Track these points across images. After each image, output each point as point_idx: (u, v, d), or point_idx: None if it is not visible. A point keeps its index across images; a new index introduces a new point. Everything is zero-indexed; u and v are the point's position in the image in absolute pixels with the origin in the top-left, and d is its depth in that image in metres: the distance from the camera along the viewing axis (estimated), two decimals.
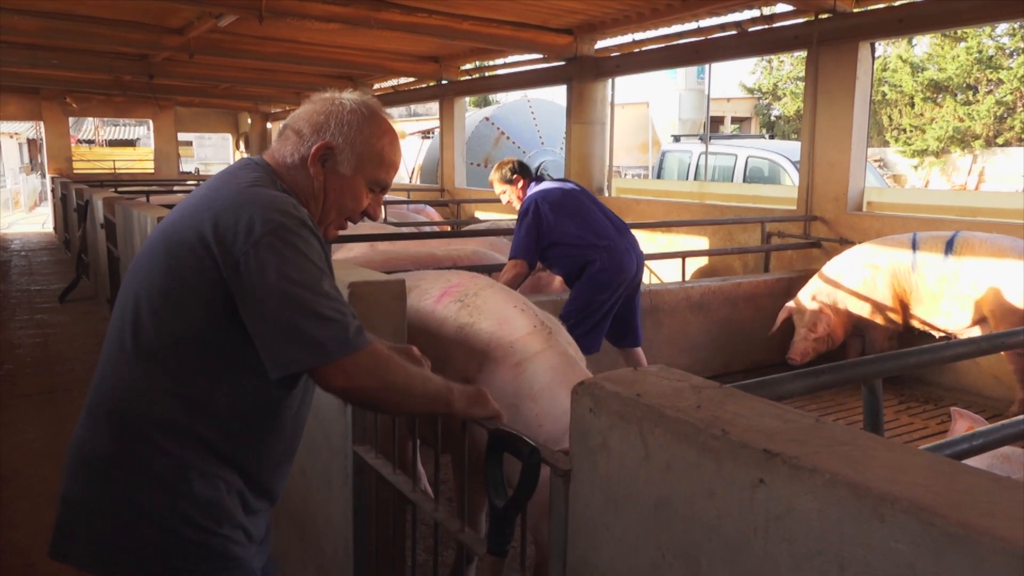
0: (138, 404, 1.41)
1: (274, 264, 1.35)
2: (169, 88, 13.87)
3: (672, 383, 1.24)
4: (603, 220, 4.27)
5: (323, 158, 1.54)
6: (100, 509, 1.41)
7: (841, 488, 0.88)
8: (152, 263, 1.46)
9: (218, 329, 1.41)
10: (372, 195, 1.63)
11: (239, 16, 6.85)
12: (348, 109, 1.56)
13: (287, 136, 1.59)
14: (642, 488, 1.15)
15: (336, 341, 1.36)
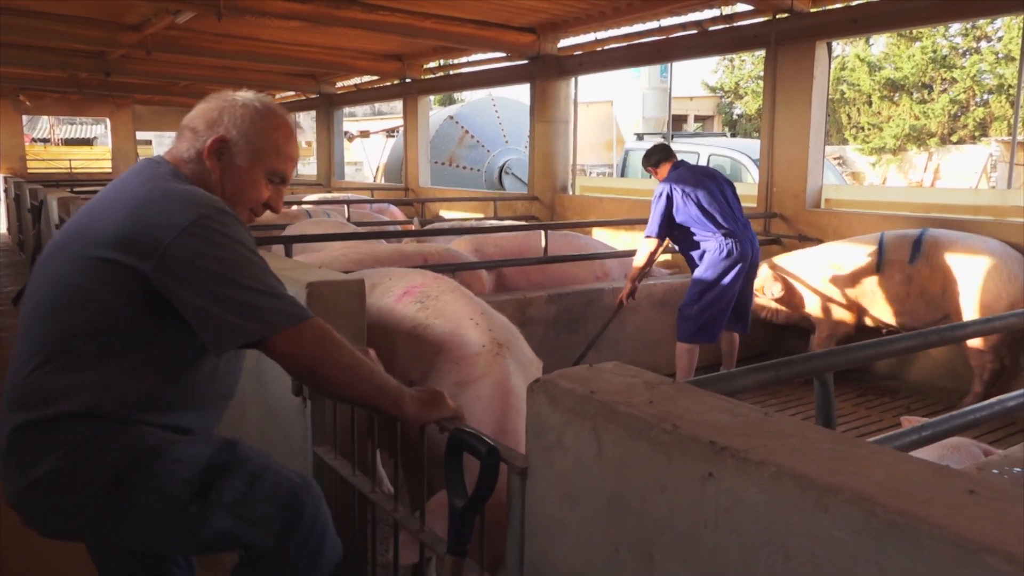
0: (48, 395, 1.43)
1: (203, 250, 1.39)
2: (127, 86, 13.61)
3: (626, 379, 1.25)
4: (727, 208, 4.62)
5: (218, 151, 1.59)
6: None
7: (786, 480, 0.90)
8: (59, 265, 1.48)
9: (132, 323, 1.44)
10: (272, 187, 1.67)
11: (197, 13, 6.74)
12: (241, 104, 1.62)
13: (184, 135, 1.63)
14: (596, 484, 1.16)
15: (279, 312, 1.40)
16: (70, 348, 1.43)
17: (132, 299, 1.43)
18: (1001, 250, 4.55)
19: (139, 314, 1.44)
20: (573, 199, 8.54)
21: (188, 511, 1.42)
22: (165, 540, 1.50)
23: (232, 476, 1.45)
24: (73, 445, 1.41)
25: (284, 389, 2.08)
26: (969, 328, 1.98)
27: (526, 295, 4.77)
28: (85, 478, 1.40)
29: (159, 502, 1.43)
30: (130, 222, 1.42)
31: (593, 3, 7.05)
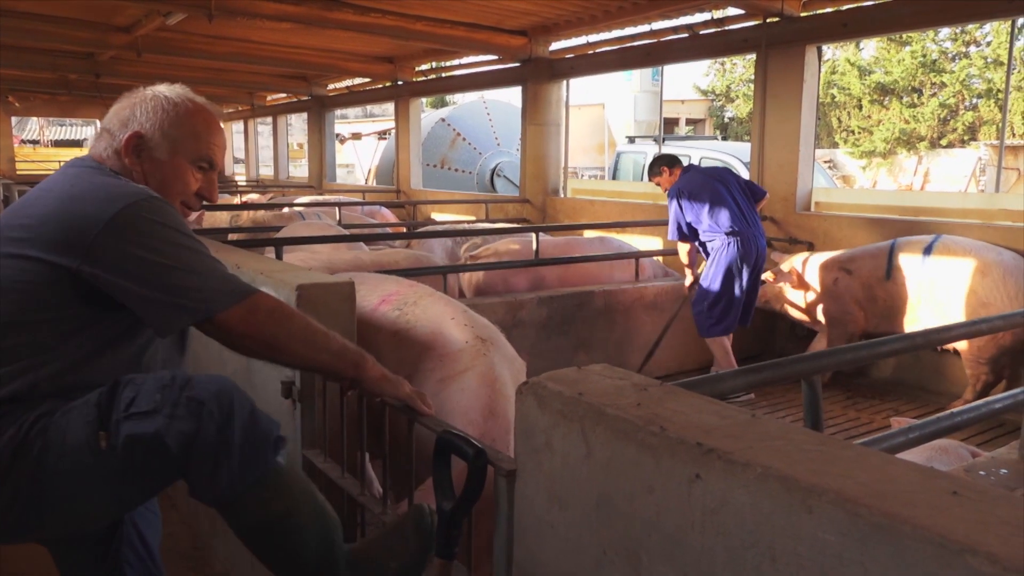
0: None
1: (133, 239, 1.37)
2: (117, 87, 13.48)
3: (614, 382, 1.26)
4: (734, 209, 4.80)
5: (136, 148, 1.56)
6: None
7: (772, 481, 0.91)
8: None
9: (61, 313, 1.41)
10: (202, 174, 1.64)
11: (188, 14, 6.72)
12: (151, 97, 1.59)
13: (101, 136, 1.61)
14: (584, 486, 1.16)
15: (222, 291, 1.39)
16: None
17: (61, 292, 1.40)
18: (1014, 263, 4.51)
19: (69, 304, 1.41)
20: (565, 202, 8.55)
21: (98, 447, 1.33)
22: (95, 499, 1.39)
23: (122, 390, 1.36)
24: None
25: (274, 392, 2.08)
26: (954, 331, 1.99)
27: (517, 297, 4.78)
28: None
29: (69, 457, 1.34)
30: (53, 219, 1.40)
31: (584, 6, 7.07)
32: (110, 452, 1.32)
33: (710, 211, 4.78)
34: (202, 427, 1.31)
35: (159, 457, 1.32)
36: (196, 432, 1.31)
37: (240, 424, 1.35)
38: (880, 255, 4.97)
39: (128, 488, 1.40)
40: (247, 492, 1.37)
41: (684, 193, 4.87)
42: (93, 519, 1.49)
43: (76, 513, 1.41)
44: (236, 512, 1.41)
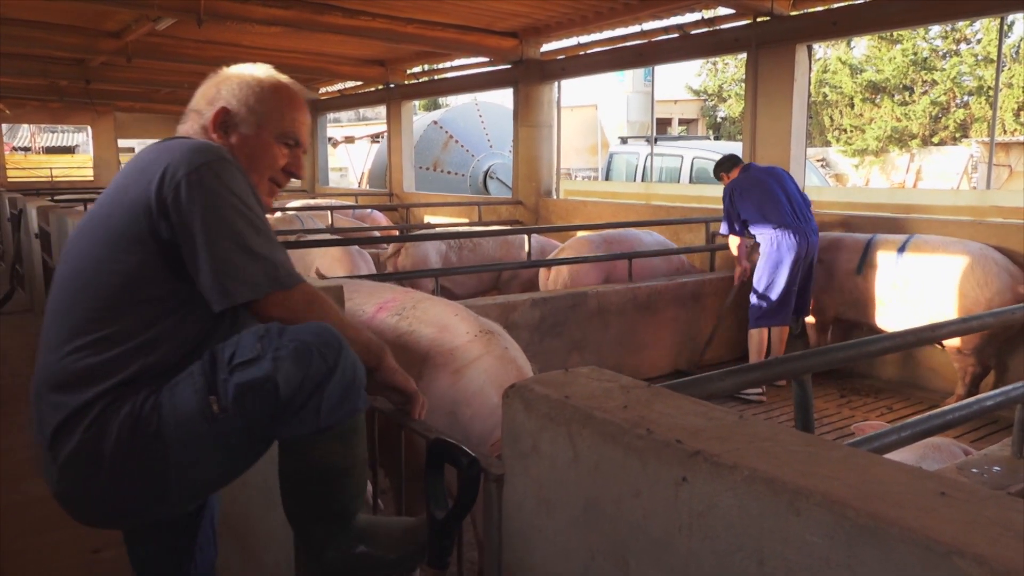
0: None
1: (201, 200, 1.38)
2: (108, 93, 13.51)
3: (601, 384, 1.25)
4: (784, 205, 4.95)
5: (223, 124, 1.57)
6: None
7: (759, 484, 0.90)
8: (83, 247, 1.48)
9: (160, 289, 1.43)
10: (288, 151, 1.63)
11: (178, 19, 6.71)
12: (235, 74, 1.61)
13: (190, 117, 1.62)
14: (572, 489, 1.15)
15: (268, 277, 1.39)
16: (101, 327, 1.42)
17: (156, 265, 1.42)
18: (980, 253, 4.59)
19: (165, 279, 1.43)
20: (557, 203, 8.55)
21: (211, 412, 1.36)
22: (212, 467, 1.43)
23: (220, 352, 1.40)
24: (91, 420, 1.39)
25: None
26: (946, 328, 1.99)
27: (510, 299, 4.77)
28: (101, 450, 1.37)
29: (185, 428, 1.37)
30: (142, 186, 1.42)
31: (575, 7, 7.07)
32: (222, 415, 1.36)
33: (760, 206, 4.95)
34: (307, 367, 1.35)
35: (268, 402, 1.35)
36: (304, 373, 1.35)
37: (340, 366, 1.39)
38: (856, 248, 5.06)
39: (241, 448, 1.43)
40: (323, 434, 1.41)
41: (736, 190, 5.07)
42: (210, 488, 1.54)
43: (197, 484, 1.45)
44: (302, 451, 1.43)
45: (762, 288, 4.97)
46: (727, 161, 5.35)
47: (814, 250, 5.03)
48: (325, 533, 1.50)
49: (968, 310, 4.46)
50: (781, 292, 4.92)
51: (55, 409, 1.42)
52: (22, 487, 3.43)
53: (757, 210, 4.97)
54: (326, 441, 1.42)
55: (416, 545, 1.51)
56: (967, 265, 4.53)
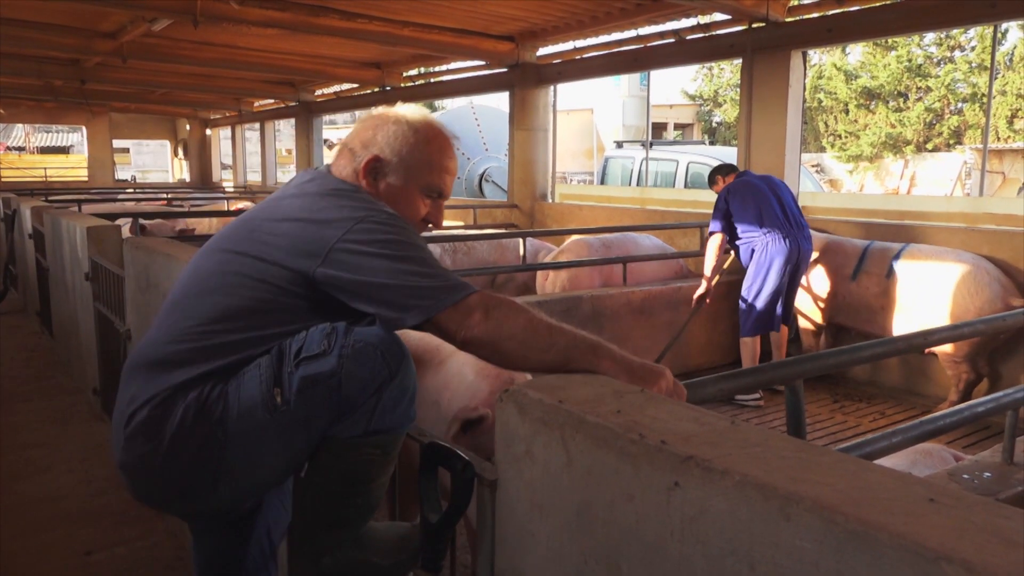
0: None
1: (368, 240, 1.42)
2: (103, 93, 13.49)
3: (594, 389, 1.25)
4: (776, 209, 4.94)
5: (373, 171, 1.61)
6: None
7: (750, 489, 0.90)
8: (222, 260, 1.53)
9: (287, 317, 1.47)
10: (431, 202, 1.67)
11: (173, 20, 6.71)
12: (394, 121, 1.63)
13: (343, 154, 1.66)
14: (565, 494, 1.15)
15: (440, 292, 1.40)
16: (224, 326, 1.47)
17: (295, 297, 1.47)
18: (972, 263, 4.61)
19: (301, 312, 1.48)
20: (553, 207, 8.56)
21: (274, 404, 1.41)
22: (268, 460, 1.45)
23: (287, 346, 1.45)
24: (164, 399, 1.43)
25: None
26: (937, 335, 2.00)
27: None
28: (172, 421, 1.41)
29: (246, 419, 1.41)
30: (299, 226, 1.48)
31: (571, 12, 7.08)
32: (284, 407, 1.40)
33: (753, 209, 4.94)
34: (370, 370, 1.40)
35: (330, 397, 1.40)
36: (367, 374, 1.40)
37: (399, 376, 1.44)
38: (852, 255, 5.09)
39: (298, 442, 1.45)
40: (368, 438, 1.44)
41: (730, 192, 5.07)
42: (263, 484, 1.54)
43: (250, 477, 1.47)
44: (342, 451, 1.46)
45: (752, 295, 4.96)
46: (721, 169, 5.36)
47: (806, 257, 5.02)
48: (330, 540, 1.51)
49: (959, 319, 4.49)
50: (771, 298, 4.92)
51: (143, 385, 1.46)
52: (16, 488, 3.43)
53: (749, 212, 4.96)
54: (369, 446, 1.45)
55: (409, 552, 1.52)
56: (959, 275, 4.57)
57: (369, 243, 1.43)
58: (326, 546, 1.51)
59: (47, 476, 3.55)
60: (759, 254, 4.92)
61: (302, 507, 1.53)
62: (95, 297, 4.10)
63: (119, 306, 3.61)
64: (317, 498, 1.50)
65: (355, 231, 1.44)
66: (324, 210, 1.49)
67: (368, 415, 1.42)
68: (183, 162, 19.23)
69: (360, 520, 1.53)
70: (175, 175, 20.12)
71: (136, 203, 10.68)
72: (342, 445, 1.45)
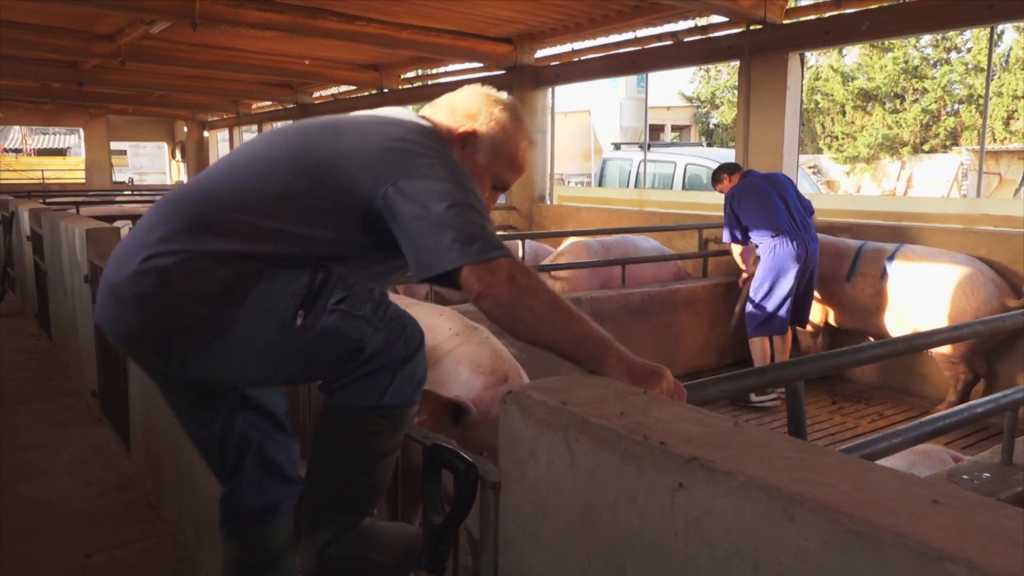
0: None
1: (437, 189, 1.44)
2: (100, 96, 13.48)
3: (598, 390, 1.26)
4: (782, 211, 4.93)
5: (465, 142, 1.65)
6: None
7: (754, 490, 0.91)
8: (294, 154, 1.53)
9: (343, 233, 1.50)
10: (492, 192, 1.72)
11: (172, 23, 6.71)
12: (501, 107, 1.69)
13: (441, 107, 1.70)
14: (568, 495, 1.16)
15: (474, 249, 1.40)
16: (271, 213, 1.48)
17: (352, 210, 1.49)
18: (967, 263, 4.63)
19: (354, 227, 1.50)
20: (551, 209, 8.57)
21: (291, 322, 1.44)
22: (255, 364, 1.48)
23: (333, 283, 1.48)
24: (197, 258, 1.43)
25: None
26: (936, 336, 2.01)
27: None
28: (192, 282, 1.42)
29: (259, 319, 1.43)
30: (383, 148, 1.50)
31: (569, 14, 7.10)
32: (299, 331, 1.44)
33: (759, 213, 4.93)
34: (395, 347, 1.48)
35: (346, 355, 1.46)
36: (388, 348, 1.47)
37: (416, 358, 1.51)
38: (847, 256, 5.11)
39: (288, 367, 1.50)
40: (374, 413, 1.49)
41: (735, 197, 5.03)
42: (240, 377, 1.55)
43: (233, 363, 1.48)
44: (352, 421, 1.50)
45: (760, 296, 4.97)
46: (726, 167, 5.33)
47: (815, 258, 5.00)
48: (337, 526, 1.52)
49: (955, 319, 4.51)
50: (779, 301, 4.91)
51: (181, 234, 1.46)
52: (16, 490, 3.43)
53: (755, 216, 4.96)
54: (378, 416, 1.49)
55: (413, 553, 1.53)
56: (954, 275, 4.58)
57: (438, 185, 1.45)
58: (333, 533, 1.52)
59: (47, 478, 3.55)
60: (768, 256, 4.92)
61: (310, 484, 1.54)
62: (94, 299, 4.10)
63: None
64: (326, 476, 1.52)
65: (431, 169, 1.47)
66: (410, 143, 1.52)
67: (381, 391, 1.48)
68: (180, 164, 19.22)
69: (366, 503, 1.55)
70: (173, 177, 20.10)
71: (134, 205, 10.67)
72: (352, 415, 1.49)
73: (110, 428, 4.07)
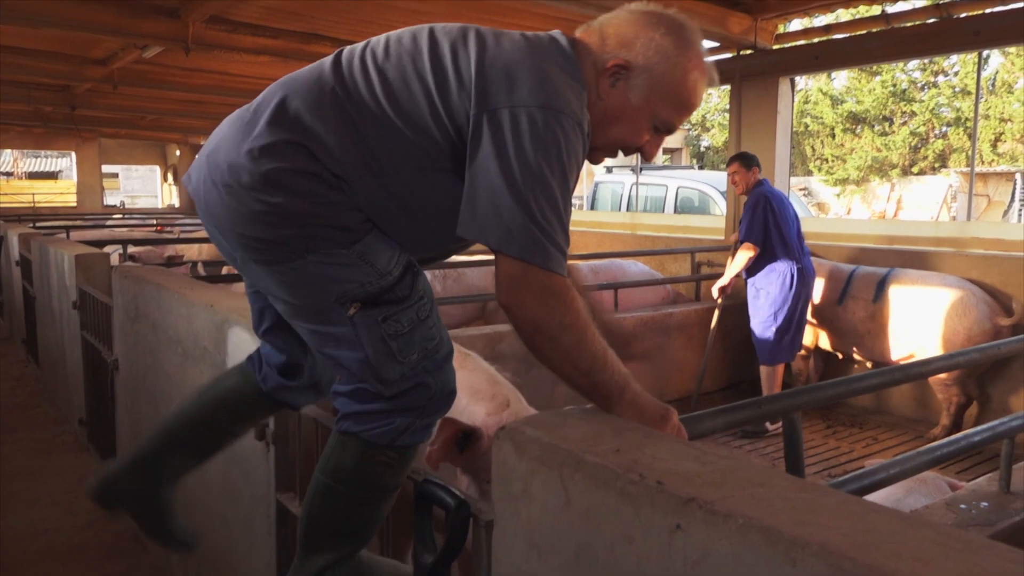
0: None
1: (520, 138, 1.26)
2: (92, 119, 13.44)
3: (593, 426, 1.23)
4: (797, 234, 4.82)
5: (615, 75, 1.40)
6: None
7: (754, 533, 0.88)
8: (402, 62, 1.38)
9: (434, 158, 1.36)
10: (654, 134, 1.46)
11: (165, 48, 6.71)
12: (664, 31, 1.39)
13: (594, 34, 1.44)
14: (563, 535, 1.13)
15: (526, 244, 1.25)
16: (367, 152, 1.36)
17: (445, 133, 1.34)
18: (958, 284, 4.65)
19: (440, 153, 1.35)
20: None
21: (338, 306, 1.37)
22: (306, 301, 1.41)
23: (399, 309, 1.39)
24: (300, 174, 1.34)
25: (247, 434, 2.03)
26: (933, 364, 2.00)
27: (496, 329, 4.76)
28: (281, 201, 1.34)
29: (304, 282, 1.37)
30: (498, 67, 1.32)
31: None
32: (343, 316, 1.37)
33: (783, 231, 4.74)
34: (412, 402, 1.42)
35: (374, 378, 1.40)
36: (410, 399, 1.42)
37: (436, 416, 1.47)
38: (839, 279, 5.11)
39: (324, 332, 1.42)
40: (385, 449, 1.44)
41: (771, 201, 4.77)
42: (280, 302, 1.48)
43: (286, 291, 1.42)
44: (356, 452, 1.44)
45: (782, 321, 4.76)
46: (753, 157, 5.00)
47: (812, 285, 4.94)
48: (335, 553, 1.49)
49: (948, 339, 4.51)
50: (794, 325, 4.79)
51: (292, 153, 1.37)
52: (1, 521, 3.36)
53: (779, 230, 4.74)
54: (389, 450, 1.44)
55: None
56: (946, 297, 4.60)
57: (538, 138, 1.26)
58: (330, 558, 1.48)
59: (32, 510, 3.49)
60: (783, 277, 4.74)
61: (309, 515, 1.50)
62: (83, 326, 4.06)
63: (107, 335, 3.57)
64: (329, 496, 1.48)
65: (539, 115, 1.27)
66: (532, 74, 1.31)
67: (395, 434, 1.42)
68: (173, 187, 19.20)
69: (365, 533, 1.51)
70: (164, 200, 20.08)
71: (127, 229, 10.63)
72: (363, 444, 1.44)
73: (97, 457, 4.02)
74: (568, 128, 1.29)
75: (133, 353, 3.19)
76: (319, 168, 1.36)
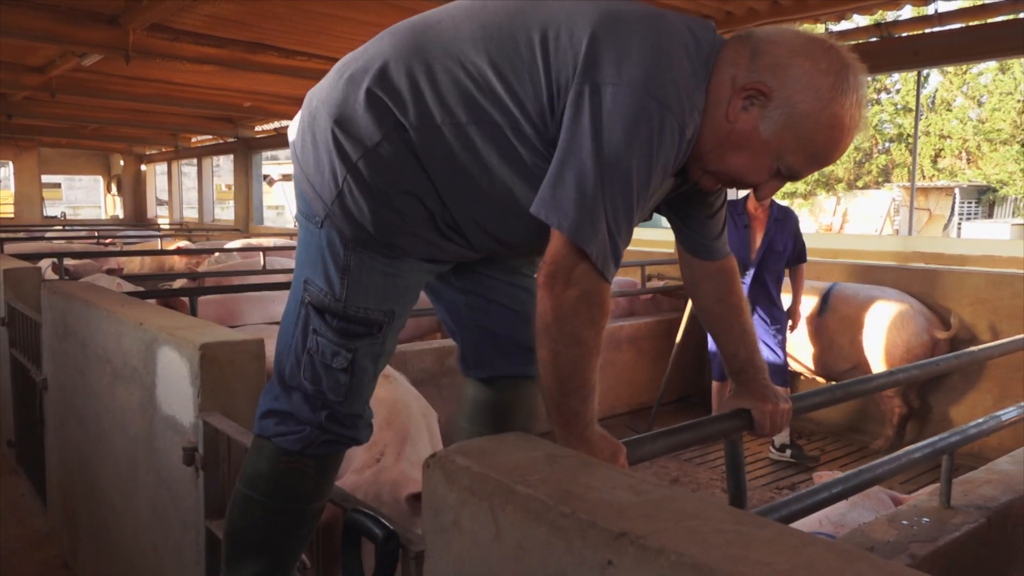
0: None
1: (620, 123, 1.15)
2: (31, 128, 13.05)
3: (527, 453, 1.19)
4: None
5: (750, 99, 1.22)
6: None
7: (686, 570, 0.85)
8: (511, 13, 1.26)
9: (530, 116, 1.24)
10: (773, 179, 1.29)
11: (104, 56, 6.53)
12: (824, 69, 1.20)
13: (746, 43, 1.25)
14: (494, 568, 1.08)
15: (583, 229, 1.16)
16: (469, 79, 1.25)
17: (543, 94, 1.21)
18: (897, 298, 4.75)
19: (535, 112, 1.23)
20: None
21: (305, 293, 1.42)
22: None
23: (335, 342, 1.40)
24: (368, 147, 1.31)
25: (176, 459, 1.94)
26: (875, 382, 2.01)
27: (446, 344, 4.68)
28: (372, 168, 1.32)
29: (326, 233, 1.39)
30: (610, 41, 1.18)
31: None
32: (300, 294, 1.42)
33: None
34: (307, 415, 1.42)
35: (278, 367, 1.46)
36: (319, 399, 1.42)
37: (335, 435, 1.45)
38: None
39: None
40: (298, 456, 1.43)
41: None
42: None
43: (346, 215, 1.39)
44: (271, 458, 1.44)
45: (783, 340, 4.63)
46: None
47: None
48: (254, 571, 1.44)
49: (888, 352, 4.60)
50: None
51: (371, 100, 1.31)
52: None
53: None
54: (304, 458, 1.43)
55: None
56: (886, 310, 4.68)
57: (620, 128, 1.14)
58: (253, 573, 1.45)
59: None
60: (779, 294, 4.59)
61: (230, 519, 1.49)
62: (11, 343, 3.89)
63: (36, 353, 3.42)
64: (245, 507, 1.45)
65: (639, 99, 1.14)
66: (652, 57, 1.17)
67: (306, 442, 1.42)
68: (117, 198, 18.72)
69: (284, 553, 1.46)
70: (108, 211, 19.56)
71: (66, 241, 10.30)
72: (277, 451, 1.43)
73: (26, 480, 3.84)
74: (667, 128, 1.18)
75: (62, 372, 3.06)
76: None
